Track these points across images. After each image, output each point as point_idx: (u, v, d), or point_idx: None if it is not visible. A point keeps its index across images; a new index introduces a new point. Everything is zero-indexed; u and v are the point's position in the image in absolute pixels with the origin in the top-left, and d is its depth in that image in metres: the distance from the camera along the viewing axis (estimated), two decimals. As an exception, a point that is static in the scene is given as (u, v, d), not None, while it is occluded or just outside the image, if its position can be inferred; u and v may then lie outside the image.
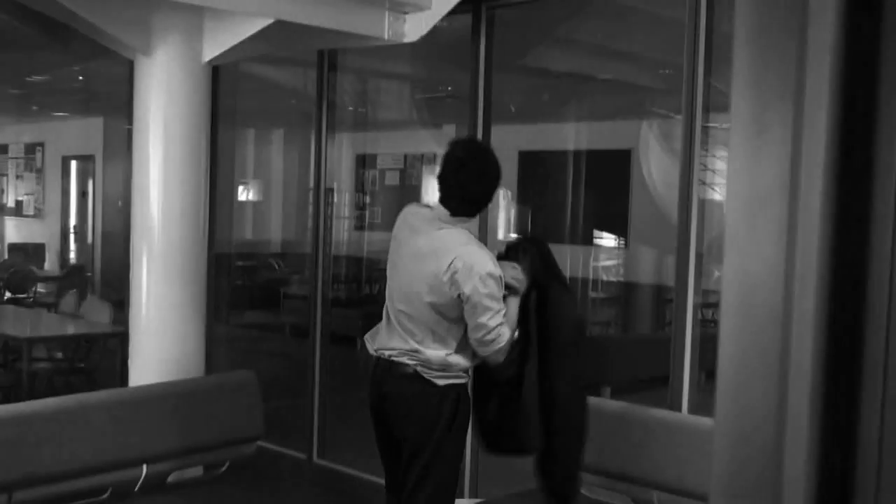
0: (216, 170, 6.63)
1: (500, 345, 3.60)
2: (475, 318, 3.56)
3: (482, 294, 3.53)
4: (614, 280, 10.17)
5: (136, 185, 5.44)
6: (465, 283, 3.53)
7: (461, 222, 3.72)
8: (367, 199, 11.15)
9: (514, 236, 9.02)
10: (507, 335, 3.61)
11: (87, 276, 14.25)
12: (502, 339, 3.59)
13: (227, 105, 7.22)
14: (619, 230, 9.97)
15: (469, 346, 3.67)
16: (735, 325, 0.71)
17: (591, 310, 10.06)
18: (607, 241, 10.41)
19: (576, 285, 9.63)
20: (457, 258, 3.57)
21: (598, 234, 10.30)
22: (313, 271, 6.69)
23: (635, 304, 10.01)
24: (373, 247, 10.79)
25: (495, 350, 3.61)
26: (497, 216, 8.90)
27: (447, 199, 3.70)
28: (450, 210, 3.69)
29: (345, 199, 10.51)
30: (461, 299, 3.57)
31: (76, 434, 4.31)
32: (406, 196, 10.38)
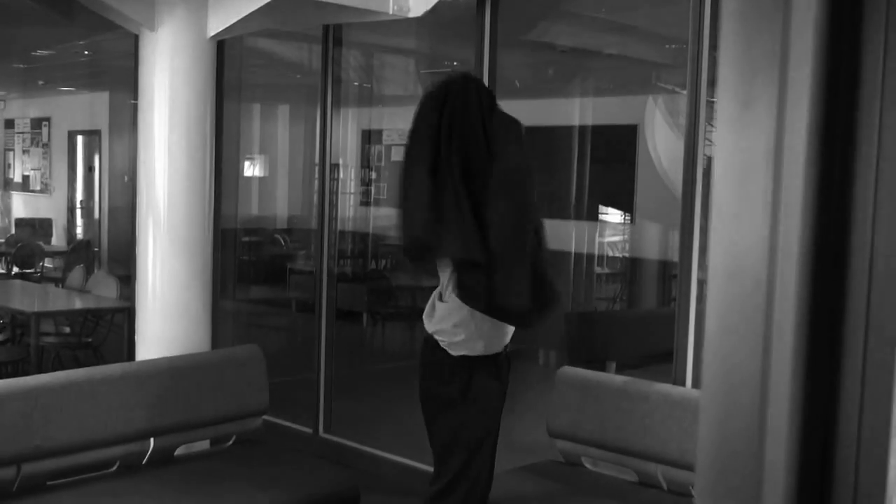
0: (222, 145, 6.64)
1: None
2: None
3: None
4: (619, 256, 10.17)
5: (142, 160, 5.45)
6: None
7: None
8: (373, 174, 11.14)
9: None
10: None
11: (93, 251, 14.29)
12: None
13: (232, 80, 7.21)
14: (624, 206, 9.96)
15: None
16: (721, 293, 0.73)
17: (596, 285, 10.07)
18: (613, 216, 10.39)
19: (581, 261, 9.64)
20: None
21: (603, 209, 10.29)
22: (319, 247, 6.71)
23: (641, 279, 10.01)
24: (379, 222, 10.79)
25: None
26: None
27: None
28: None
29: (350, 175, 10.50)
30: None
31: (84, 408, 4.34)
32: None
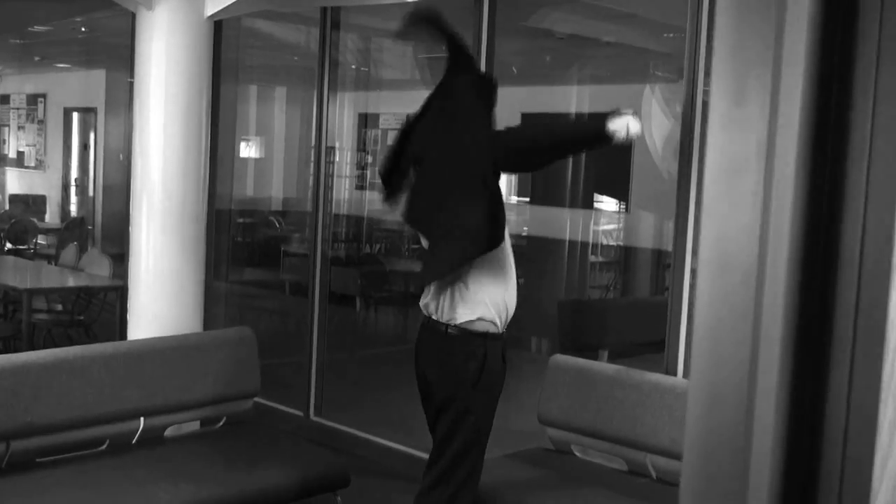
0: (217, 125, 6.62)
1: None
2: None
3: None
4: (614, 244, 10.17)
5: (137, 139, 5.44)
6: None
7: None
8: (369, 158, 11.11)
9: None
10: None
11: (87, 228, 14.26)
12: None
13: (229, 60, 7.19)
14: (619, 194, 9.95)
15: None
16: (711, 285, 0.73)
17: (590, 274, 10.07)
18: (608, 205, 10.39)
19: (575, 249, 9.64)
20: None
21: (598, 197, 10.28)
22: (313, 230, 6.70)
23: (635, 268, 10.01)
24: (373, 206, 10.78)
25: None
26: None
27: None
28: None
29: (346, 158, 10.48)
30: None
31: (75, 386, 4.34)
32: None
